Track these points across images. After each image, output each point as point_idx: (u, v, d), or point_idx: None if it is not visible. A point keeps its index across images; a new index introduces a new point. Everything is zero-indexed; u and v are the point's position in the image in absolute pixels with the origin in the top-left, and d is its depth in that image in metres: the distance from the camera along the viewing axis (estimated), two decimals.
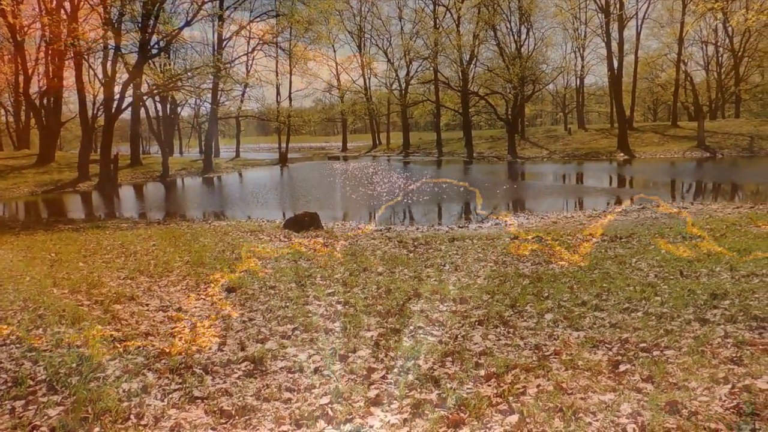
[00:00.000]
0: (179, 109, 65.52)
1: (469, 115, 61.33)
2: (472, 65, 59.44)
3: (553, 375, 4.63)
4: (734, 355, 4.89)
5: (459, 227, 15.39)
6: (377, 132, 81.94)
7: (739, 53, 63.60)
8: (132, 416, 4.16)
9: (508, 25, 59.54)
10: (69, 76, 41.83)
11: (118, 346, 5.56)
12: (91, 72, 44.69)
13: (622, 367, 4.74)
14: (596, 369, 4.73)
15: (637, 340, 5.37)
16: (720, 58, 67.65)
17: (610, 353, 5.10)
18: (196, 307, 7.08)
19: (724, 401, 4.05)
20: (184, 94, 46.98)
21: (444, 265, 9.34)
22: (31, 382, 4.67)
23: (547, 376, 4.63)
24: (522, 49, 58.76)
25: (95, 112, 43.84)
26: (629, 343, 5.31)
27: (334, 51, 72.21)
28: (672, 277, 7.74)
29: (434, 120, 71.31)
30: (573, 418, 3.92)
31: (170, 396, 4.48)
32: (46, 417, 4.12)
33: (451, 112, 68.82)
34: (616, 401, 4.12)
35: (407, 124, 72.54)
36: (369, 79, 73.66)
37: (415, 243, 11.84)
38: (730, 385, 4.28)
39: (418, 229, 15.12)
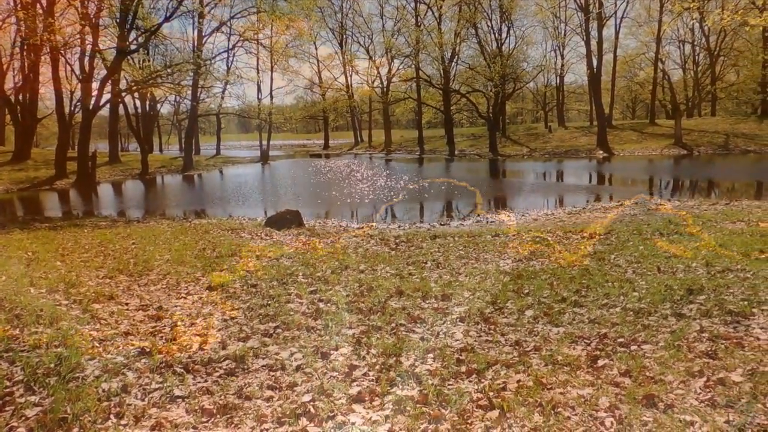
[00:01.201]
0: (159, 106, 65.12)
1: (450, 112, 61.46)
2: (453, 63, 59.63)
3: (533, 370, 4.68)
4: (709, 348, 4.97)
5: (441, 225, 15.46)
6: (359, 130, 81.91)
7: (715, 52, 64.34)
8: (112, 416, 4.15)
9: (489, 24, 59.81)
10: (45, 72, 41.37)
11: (98, 345, 5.54)
12: (68, 68, 44.19)
13: (600, 362, 4.80)
14: (575, 364, 4.78)
15: (615, 335, 5.44)
16: (696, 57, 68.39)
17: (589, 348, 5.16)
18: (176, 306, 7.06)
19: (699, 394, 4.12)
20: (163, 91, 46.61)
21: (425, 263, 9.39)
22: (8, 383, 4.63)
23: (527, 371, 4.68)
24: (503, 48, 59.01)
25: (72, 108, 43.36)
26: (607, 338, 5.38)
27: (316, 48, 71.92)
28: (649, 272, 7.85)
29: (416, 118, 71.38)
30: (552, 412, 3.97)
31: (151, 395, 4.47)
32: (23, 418, 4.09)
33: (432, 110, 68.91)
34: (595, 395, 4.17)
35: (389, 122, 72.57)
36: (351, 76, 73.62)
37: (397, 241, 11.88)
38: (704, 378, 4.35)
39: (399, 227, 15.16)
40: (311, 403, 4.26)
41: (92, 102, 31.92)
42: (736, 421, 3.73)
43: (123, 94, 38.80)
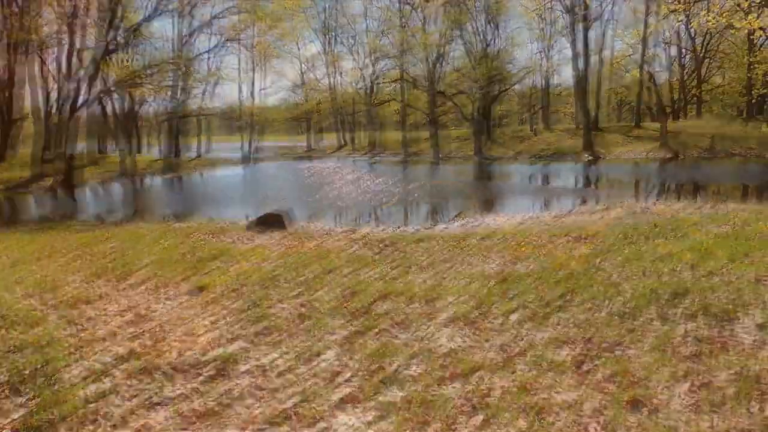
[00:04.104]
0: (140, 106, 64.68)
1: (436, 115, 61.58)
2: (439, 65, 59.72)
3: (518, 375, 4.71)
4: (694, 352, 5.02)
5: (426, 228, 15.47)
6: (343, 132, 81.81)
7: (701, 55, 64.88)
8: (89, 423, 4.12)
9: (475, 25, 59.99)
10: (23, 72, 41.01)
11: (76, 352, 5.50)
12: (47, 67, 43.81)
13: (585, 367, 4.84)
14: (560, 369, 4.82)
15: (600, 339, 5.48)
16: (683, 60, 68.93)
17: (574, 353, 5.20)
18: (157, 310, 7.03)
19: (684, 398, 4.17)
20: (145, 91, 46.37)
21: (410, 267, 9.40)
22: None
23: (511, 376, 4.71)
24: (489, 49, 59.22)
25: (51, 109, 42.95)
26: (592, 342, 5.42)
27: (299, 49, 71.62)
28: (635, 276, 7.90)
29: (401, 120, 71.44)
30: (537, 417, 3.99)
31: (132, 401, 4.45)
32: (9, 420, 4.07)
33: (418, 112, 69.00)
34: (579, 400, 4.21)
35: (374, 124, 72.58)
36: (334, 77, 73.52)
37: (381, 244, 11.88)
38: (689, 382, 4.40)
39: (384, 230, 15.16)
40: (294, 408, 4.27)
41: (71, 102, 31.70)
42: (720, 426, 3.78)
43: (103, 94, 38.58)
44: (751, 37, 49.55)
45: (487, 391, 4.42)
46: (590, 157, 45.92)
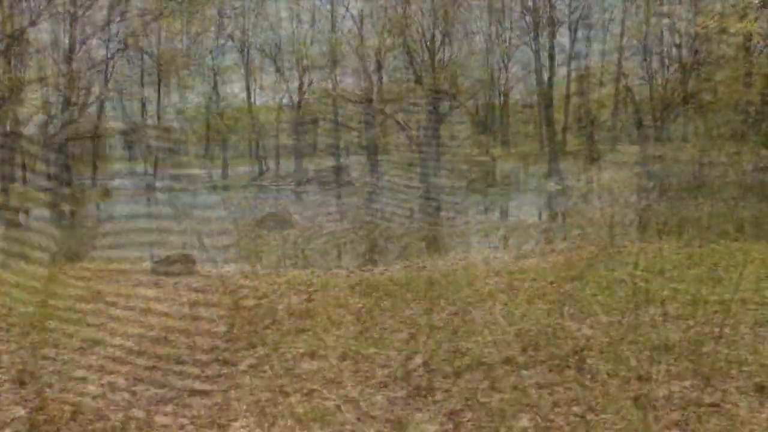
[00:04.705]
0: (22, 126, 63.22)
1: (374, 136, 61.81)
2: (378, 77, 60.03)
3: None
4: (680, 417, 5.06)
5: (362, 270, 15.46)
6: (265, 156, 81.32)
7: (688, 66, 66.36)
8: None
9: (421, 30, 60.55)
10: None
11: None
12: None
13: None
14: None
15: (568, 402, 5.50)
16: (666, 71, 70.21)
17: (538, 419, 5.21)
18: (42, 369, 6.83)
19: None
20: (28, 109, 45.47)
21: (344, 316, 9.34)
22: None
23: None
24: (437, 59, 59.84)
25: None
26: (559, 406, 5.44)
27: (213, 59, 71.19)
28: (610, 327, 7.98)
29: (333, 142, 71.51)
30: None
31: None
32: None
33: (353, 134, 69.21)
34: None
35: (300, 147, 72.43)
36: (254, 92, 73.21)
37: (310, 290, 11.81)
38: None
39: (313, 272, 15.09)
40: None
41: None
42: None
43: None
44: (748, 43, 50.79)
45: None
46: (557, 186, 46.73)
